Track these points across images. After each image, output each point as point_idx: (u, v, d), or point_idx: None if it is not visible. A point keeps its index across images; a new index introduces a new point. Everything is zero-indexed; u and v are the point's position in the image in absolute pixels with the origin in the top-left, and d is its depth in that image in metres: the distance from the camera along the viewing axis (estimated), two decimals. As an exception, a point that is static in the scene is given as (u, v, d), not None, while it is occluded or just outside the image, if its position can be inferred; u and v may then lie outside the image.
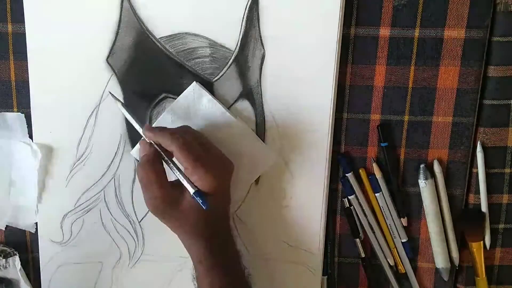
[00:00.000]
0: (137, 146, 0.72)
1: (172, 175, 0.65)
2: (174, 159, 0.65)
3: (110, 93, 0.70)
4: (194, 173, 0.63)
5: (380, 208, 0.77)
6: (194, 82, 0.71)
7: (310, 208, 0.76)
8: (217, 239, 0.67)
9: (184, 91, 0.71)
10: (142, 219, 0.77)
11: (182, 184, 0.64)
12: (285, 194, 0.75)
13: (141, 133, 0.66)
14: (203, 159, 0.64)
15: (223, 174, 0.67)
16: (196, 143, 0.65)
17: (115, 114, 0.72)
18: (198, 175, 0.63)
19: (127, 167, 0.75)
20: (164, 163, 0.65)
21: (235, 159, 0.69)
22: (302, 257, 0.77)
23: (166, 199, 0.64)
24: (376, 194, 0.77)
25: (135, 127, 0.67)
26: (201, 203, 0.62)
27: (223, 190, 0.67)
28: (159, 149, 0.65)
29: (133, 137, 0.73)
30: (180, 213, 0.65)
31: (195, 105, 0.72)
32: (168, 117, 0.72)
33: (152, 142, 0.65)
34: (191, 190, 0.63)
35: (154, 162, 0.64)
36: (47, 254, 0.77)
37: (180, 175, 0.64)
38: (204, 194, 0.63)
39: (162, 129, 0.65)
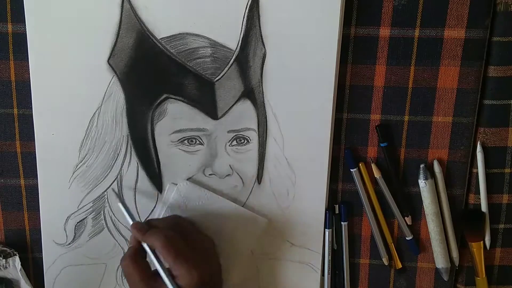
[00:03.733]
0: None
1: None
2: None
3: (112, 190, 0.72)
4: (176, 270, 0.62)
5: (380, 205, 0.75)
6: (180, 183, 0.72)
7: (312, 207, 0.74)
8: None
9: (173, 194, 0.72)
10: (145, 220, 0.73)
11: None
12: (288, 193, 0.73)
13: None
14: (186, 255, 0.63)
15: (207, 263, 0.66)
16: (180, 237, 0.65)
17: (118, 115, 0.70)
18: (180, 271, 0.62)
19: (130, 168, 0.72)
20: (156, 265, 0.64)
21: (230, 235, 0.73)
22: (305, 256, 0.76)
23: None
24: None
25: (128, 221, 0.68)
26: None
27: (210, 279, 0.65)
28: (148, 250, 0.64)
29: (136, 138, 0.71)
30: None
31: (189, 202, 0.73)
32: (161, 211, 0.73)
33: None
34: None
35: (136, 256, 0.64)
36: (51, 255, 0.75)
37: (163, 273, 0.63)
38: None
39: (148, 226, 0.65)
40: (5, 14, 0.67)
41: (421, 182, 0.73)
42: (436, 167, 0.73)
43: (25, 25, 0.66)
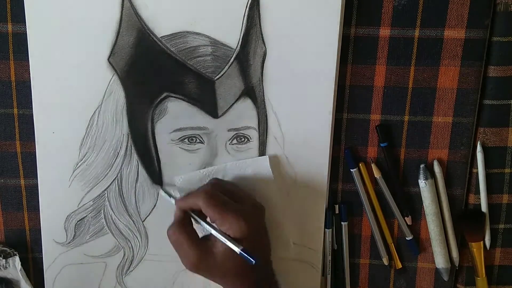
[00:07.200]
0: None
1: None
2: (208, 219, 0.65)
3: (161, 189, 0.72)
4: (224, 222, 0.62)
5: (380, 205, 0.74)
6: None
7: (312, 207, 0.73)
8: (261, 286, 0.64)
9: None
10: (145, 219, 0.74)
11: (213, 238, 0.63)
12: (288, 192, 0.73)
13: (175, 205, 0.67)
14: (230, 206, 0.63)
15: (254, 217, 0.65)
16: (222, 192, 0.65)
17: (118, 114, 0.69)
18: (228, 222, 0.62)
19: (130, 167, 0.72)
20: (204, 225, 0.64)
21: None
22: (306, 256, 0.75)
23: (199, 256, 0.62)
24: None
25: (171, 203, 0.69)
26: (249, 258, 0.60)
27: (258, 233, 0.65)
28: (192, 214, 0.65)
29: (136, 137, 0.70)
30: (218, 266, 0.62)
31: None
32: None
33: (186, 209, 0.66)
34: (237, 250, 0.60)
35: (183, 224, 0.64)
36: (51, 254, 0.74)
37: (219, 236, 0.62)
38: (248, 251, 0.60)
39: (189, 194, 0.66)
40: (5, 14, 0.67)
41: (421, 182, 0.72)
42: (436, 167, 0.72)
43: (25, 25, 0.66)
